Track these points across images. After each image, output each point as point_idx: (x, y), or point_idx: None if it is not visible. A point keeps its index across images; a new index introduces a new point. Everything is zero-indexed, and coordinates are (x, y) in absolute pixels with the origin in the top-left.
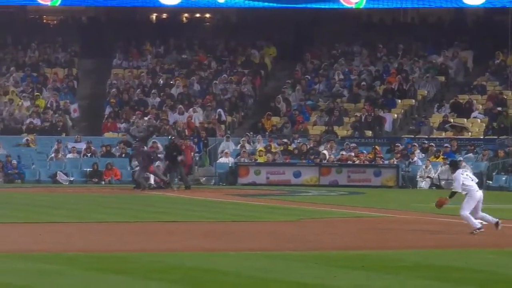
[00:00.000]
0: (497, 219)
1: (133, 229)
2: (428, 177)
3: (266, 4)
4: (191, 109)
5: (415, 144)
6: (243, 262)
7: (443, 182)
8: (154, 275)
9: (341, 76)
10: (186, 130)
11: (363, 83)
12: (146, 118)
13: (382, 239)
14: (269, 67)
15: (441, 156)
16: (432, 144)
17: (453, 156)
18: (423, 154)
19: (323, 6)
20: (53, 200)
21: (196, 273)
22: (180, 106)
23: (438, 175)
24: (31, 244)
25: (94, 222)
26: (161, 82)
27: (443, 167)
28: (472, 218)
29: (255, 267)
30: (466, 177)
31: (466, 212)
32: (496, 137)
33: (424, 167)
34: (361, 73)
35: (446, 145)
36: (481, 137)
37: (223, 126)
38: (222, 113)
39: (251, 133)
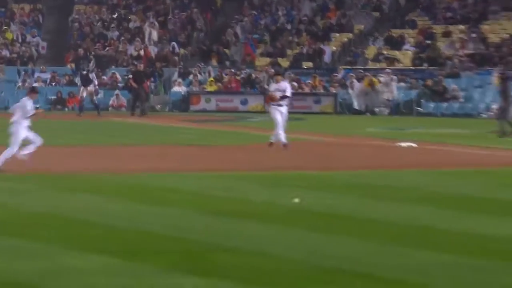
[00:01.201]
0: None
1: (98, 152)
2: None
3: None
4: (147, 41)
5: (352, 74)
6: (202, 181)
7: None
8: (122, 194)
9: (285, 12)
10: (142, 61)
11: (305, 18)
12: (105, 50)
13: (322, 160)
14: (219, 3)
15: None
16: (368, 74)
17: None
18: (358, 83)
19: None
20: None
21: (160, 192)
22: (138, 39)
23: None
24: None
25: (61, 146)
26: (122, 16)
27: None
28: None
29: (213, 186)
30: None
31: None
32: (425, 67)
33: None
34: (303, 9)
35: (380, 74)
36: (412, 68)
37: (176, 58)
38: (176, 46)
39: (202, 64)
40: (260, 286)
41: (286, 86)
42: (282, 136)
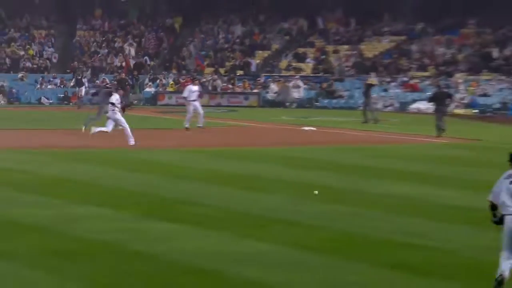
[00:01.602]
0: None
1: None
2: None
3: None
4: (127, 56)
5: (270, 79)
6: (169, 155)
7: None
8: (115, 165)
9: (223, 35)
10: (124, 70)
11: (237, 39)
12: (98, 62)
13: (249, 139)
14: (178, 30)
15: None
16: (281, 79)
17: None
18: (274, 85)
19: None
20: (39, 116)
21: (140, 163)
22: (120, 54)
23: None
24: (25, 142)
25: (65, 129)
26: (109, 38)
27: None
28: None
29: (176, 159)
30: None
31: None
32: (321, 75)
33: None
34: (236, 34)
35: (290, 79)
36: (312, 75)
37: (148, 67)
38: (148, 59)
39: (166, 72)
40: (210, 229)
41: (199, 88)
42: (187, 122)
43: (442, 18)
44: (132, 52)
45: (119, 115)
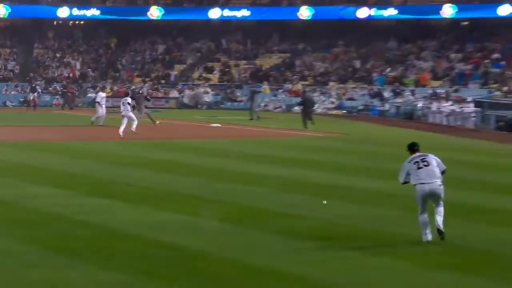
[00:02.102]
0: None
1: (53, 129)
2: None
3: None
4: (75, 69)
5: (186, 86)
6: (107, 146)
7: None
8: (63, 154)
9: (149, 52)
10: (71, 79)
11: (160, 55)
12: (51, 73)
13: (169, 133)
14: (113, 48)
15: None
16: (193, 86)
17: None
18: (189, 91)
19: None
20: (4, 115)
21: (86, 152)
22: (68, 67)
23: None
24: None
25: (28, 126)
26: (60, 55)
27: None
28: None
29: (115, 149)
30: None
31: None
32: (225, 83)
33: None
34: (159, 51)
35: (202, 87)
36: (218, 83)
37: (90, 77)
38: (90, 71)
39: (103, 81)
40: (137, 203)
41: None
42: (94, 118)
43: (318, 39)
44: (78, 65)
45: (131, 113)
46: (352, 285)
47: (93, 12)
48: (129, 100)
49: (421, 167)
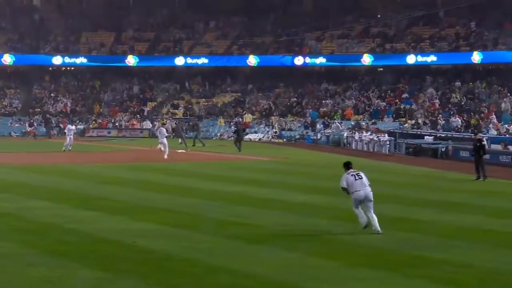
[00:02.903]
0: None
1: (49, 155)
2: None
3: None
4: (66, 106)
5: (157, 120)
6: (93, 168)
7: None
8: (56, 174)
9: (126, 92)
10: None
11: (135, 94)
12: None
13: (145, 157)
14: (98, 88)
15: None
16: (163, 121)
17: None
18: (159, 125)
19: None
20: (7, 143)
21: (76, 173)
22: (61, 103)
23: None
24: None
25: (28, 152)
26: (54, 94)
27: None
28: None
29: (95, 171)
30: None
31: None
32: (188, 117)
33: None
34: (135, 91)
35: (169, 120)
36: (183, 117)
37: (79, 112)
38: (79, 107)
39: (90, 115)
40: (116, 214)
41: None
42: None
43: (262, 81)
44: (69, 103)
45: (165, 140)
46: (292, 281)
47: (82, 60)
48: (164, 130)
49: (356, 179)
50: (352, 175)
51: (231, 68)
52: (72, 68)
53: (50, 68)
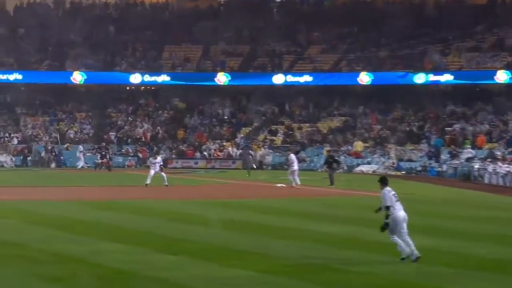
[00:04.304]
0: None
1: (124, 189)
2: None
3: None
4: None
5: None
6: (171, 204)
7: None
8: (130, 212)
9: (215, 116)
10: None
11: (226, 118)
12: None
13: (235, 193)
14: (182, 112)
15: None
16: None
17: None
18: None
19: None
20: (78, 176)
21: (152, 210)
22: (145, 130)
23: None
24: (71, 195)
25: (97, 186)
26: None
27: None
28: None
29: (172, 207)
30: None
31: None
32: (289, 145)
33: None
34: (225, 114)
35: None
36: (149, 141)
37: (160, 138)
38: (160, 133)
39: (172, 141)
40: (200, 259)
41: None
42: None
43: (376, 103)
44: (149, 128)
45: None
46: None
47: (164, 78)
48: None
49: (398, 200)
50: (393, 194)
51: (339, 87)
52: (153, 88)
53: (127, 88)
